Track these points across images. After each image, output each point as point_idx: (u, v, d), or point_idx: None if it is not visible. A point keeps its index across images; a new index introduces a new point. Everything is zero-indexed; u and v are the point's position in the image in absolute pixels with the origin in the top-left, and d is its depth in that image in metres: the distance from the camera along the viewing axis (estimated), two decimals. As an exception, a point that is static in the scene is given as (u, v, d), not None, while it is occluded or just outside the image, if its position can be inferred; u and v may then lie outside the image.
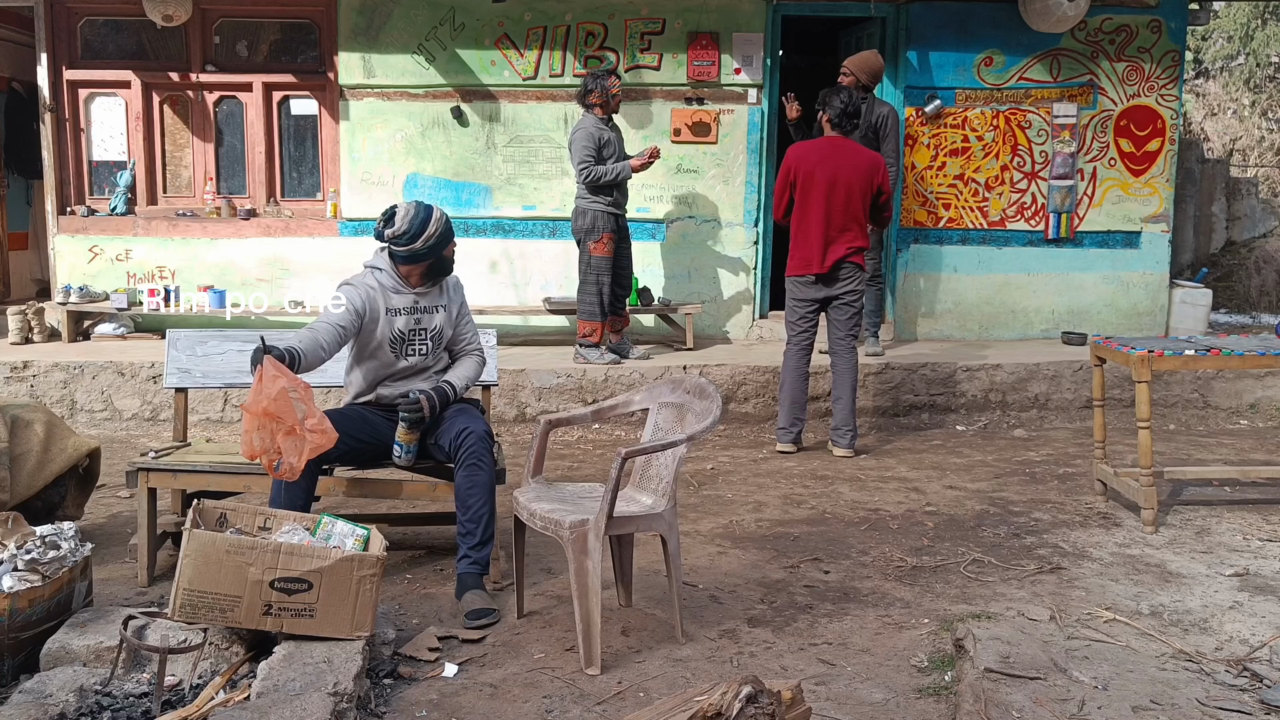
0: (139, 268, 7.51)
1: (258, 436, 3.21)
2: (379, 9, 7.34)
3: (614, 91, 6.53)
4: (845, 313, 5.76)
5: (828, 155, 5.63)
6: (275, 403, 3.20)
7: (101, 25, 7.56)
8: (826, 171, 5.58)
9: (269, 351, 3.33)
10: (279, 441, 3.22)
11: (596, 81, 6.51)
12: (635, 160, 6.53)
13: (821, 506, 4.95)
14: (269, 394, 3.21)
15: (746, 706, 2.34)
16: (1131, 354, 4.46)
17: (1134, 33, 7.60)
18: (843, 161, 5.60)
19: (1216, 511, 4.80)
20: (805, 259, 5.69)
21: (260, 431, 3.21)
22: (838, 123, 5.66)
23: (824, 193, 5.58)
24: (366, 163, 7.50)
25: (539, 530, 3.32)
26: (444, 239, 3.79)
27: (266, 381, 3.24)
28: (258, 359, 3.33)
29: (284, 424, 3.21)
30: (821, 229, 5.60)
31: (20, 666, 3.04)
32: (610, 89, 6.52)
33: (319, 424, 3.26)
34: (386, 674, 3.16)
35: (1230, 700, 2.91)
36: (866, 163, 5.64)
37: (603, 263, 6.56)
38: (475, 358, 4.04)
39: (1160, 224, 7.83)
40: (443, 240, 3.79)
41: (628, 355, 6.74)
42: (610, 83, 6.53)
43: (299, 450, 3.23)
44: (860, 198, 5.62)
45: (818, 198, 5.59)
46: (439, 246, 3.79)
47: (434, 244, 3.76)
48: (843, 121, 5.66)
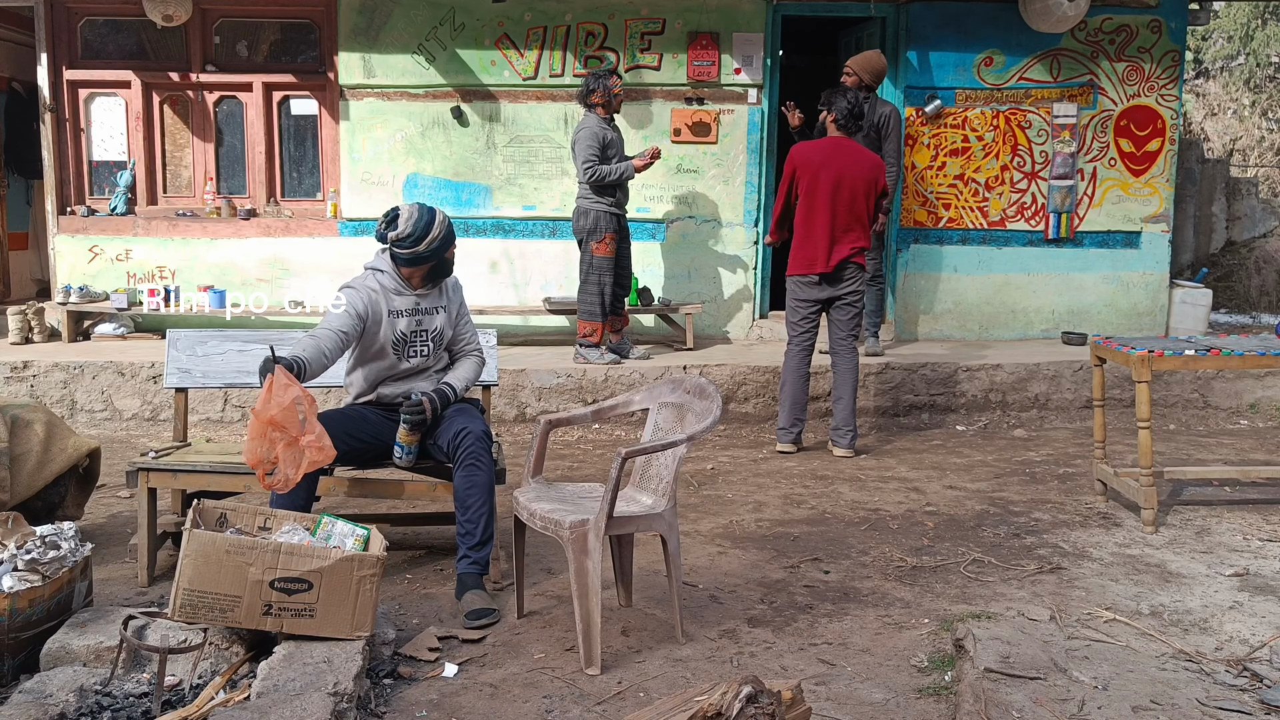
0: (139, 268, 7.51)
1: (260, 445, 3.21)
2: (379, 9, 7.34)
3: (616, 91, 6.54)
4: (847, 313, 5.77)
5: (832, 155, 5.63)
6: (284, 412, 3.20)
7: (101, 25, 7.56)
8: (831, 172, 5.59)
9: (278, 361, 3.34)
10: (279, 451, 3.22)
11: (599, 81, 6.51)
12: (638, 160, 6.54)
13: (821, 506, 4.95)
14: (280, 402, 3.21)
15: (746, 706, 2.34)
16: (1131, 354, 4.46)
17: (1134, 33, 7.60)
18: (847, 161, 5.61)
19: (1216, 511, 4.80)
20: (809, 259, 5.69)
21: (262, 440, 3.21)
22: (843, 123, 5.67)
23: (829, 193, 5.59)
24: (366, 163, 7.50)
25: (539, 530, 3.32)
26: (446, 242, 3.80)
27: (277, 390, 3.24)
28: (268, 368, 3.32)
29: (287, 434, 3.22)
30: (827, 229, 5.61)
31: (20, 666, 3.04)
32: (612, 88, 6.52)
33: (318, 440, 3.27)
34: (386, 674, 3.16)
35: (1230, 700, 2.91)
36: (869, 163, 5.66)
37: (605, 263, 6.56)
38: (475, 358, 4.04)
39: (1160, 224, 7.83)
40: (445, 243, 3.79)
41: (628, 355, 6.74)
42: (612, 82, 6.54)
43: (297, 463, 3.23)
44: (864, 198, 5.63)
45: (823, 198, 5.60)
46: (441, 249, 3.79)
47: (437, 247, 3.77)
48: (848, 122, 5.68)
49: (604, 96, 6.50)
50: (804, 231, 5.71)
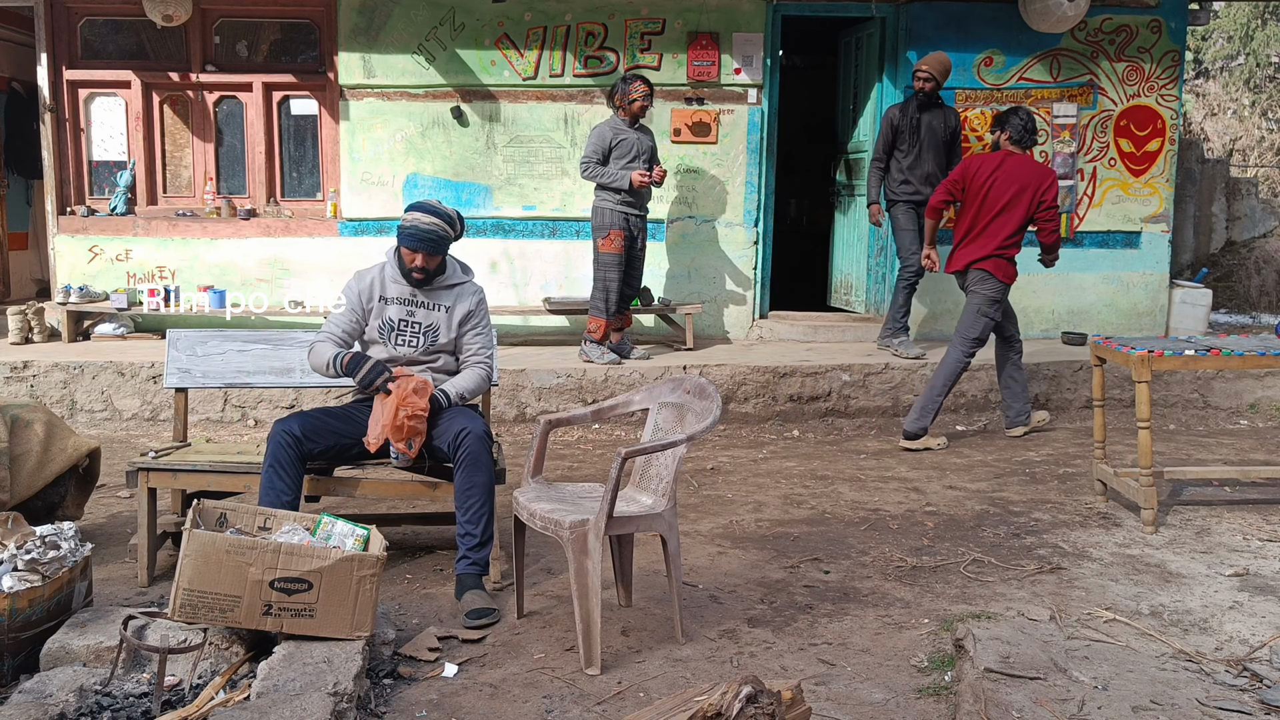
0: (139, 268, 7.51)
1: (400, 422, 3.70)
2: (379, 9, 7.34)
3: (633, 98, 6.46)
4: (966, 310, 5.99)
5: (999, 168, 5.83)
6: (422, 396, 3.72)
7: (101, 25, 7.56)
8: (997, 183, 5.79)
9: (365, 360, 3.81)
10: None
11: (622, 84, 6.50)
12: (636, 174, 6.41)
13: (821, 506, 4.95)
14: (409, 388, 3.72)
15: (746, 706, 2.34)
16: (1131, 354, 4.46)
17: (1134, 33, 7.60)
18: (1013, 174, 5.79)
19: (1216, 511, 4.80)
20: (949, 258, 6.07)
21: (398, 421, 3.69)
22: (1018, 139, 5.87)
23: (990, 201, 5.81)
24: (366, 163, 7.50)
25: (539, 530, 3.32)
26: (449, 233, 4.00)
27: (403, 381, 3.75)
28: (381, 370, 3.77)
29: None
30: (962, 233, 5.94)
31: (20, 666, 3.04)
32: (630, 94, 6.46)
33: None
34: (386, 674, 3.16)
35: (1230, 700, 2.90)
36: (1036, 176, 5.81)
37: (611, 259, 6.56)
38: (480, 370, 4.02)
39: (1160, 224, 7.83)
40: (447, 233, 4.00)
41: (628, 355, 6.74)
42: (633, 88, 6.45)
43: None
44: (1023, 209, 5.79)
45: (986, 205, 5.82)
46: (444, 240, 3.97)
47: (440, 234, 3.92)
48: (1023, 138, 5.87)
49: (622, 100, 6.48)
50: (957, 234, 6.04)
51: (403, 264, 3.92)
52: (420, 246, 3.84)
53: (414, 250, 3.86)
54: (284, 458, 3.64)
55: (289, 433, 3.66)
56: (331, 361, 3.81)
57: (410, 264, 3.88)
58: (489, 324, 4.10)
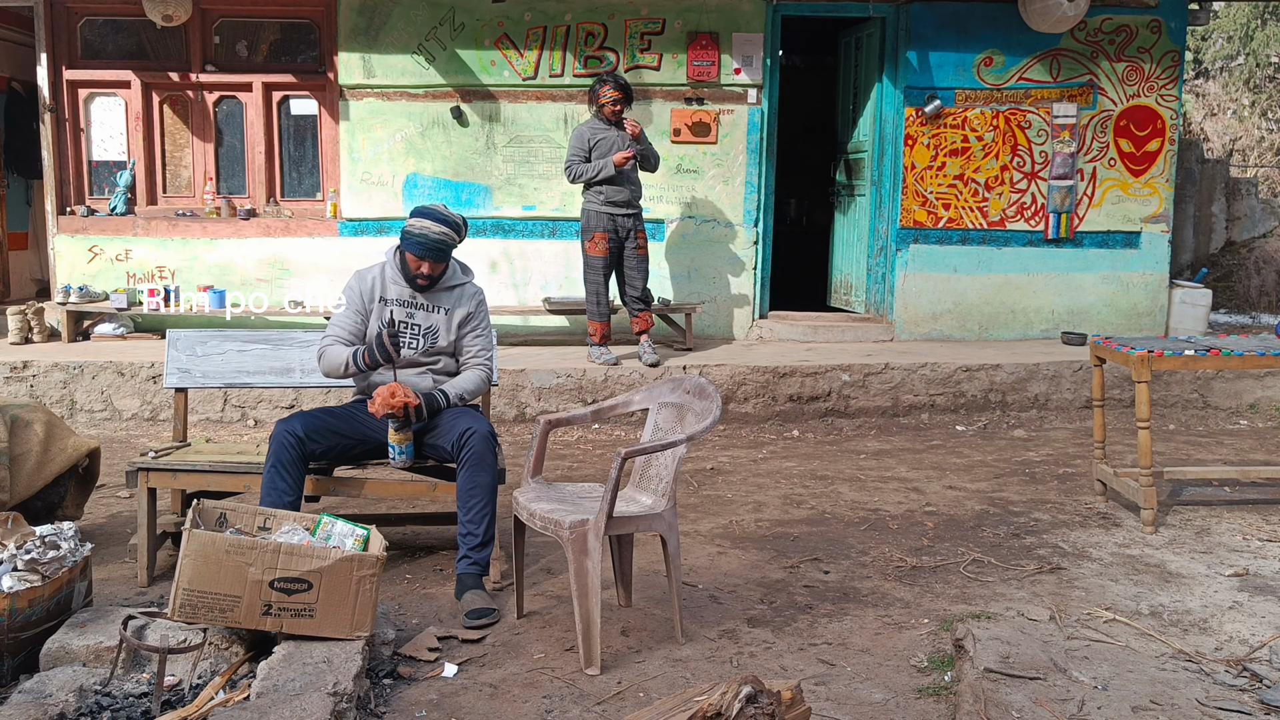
0: (139, 268, 7.51)
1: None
2: (379, 9, 7.34)
3: (602, 101, 6.42)
4: None
5: None
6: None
7: (101, 25, 7.56)
8: None
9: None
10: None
11: (597, 84, 6.49)
12: (617, 156, 6.36)
13: (821, 506, 4.95)
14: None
15: (746, 706, 2.34)
16: (1131, 354, 4.46)
17: (1134, 33, 7.60)
18: None
19: (1216, 511, 4.80)
20: None
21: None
22: None
23: None
24: (366, 163, 7.50)
25: (539, 530, 3.32)
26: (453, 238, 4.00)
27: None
28: (396, 332, 3.79)
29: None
30: None
31: (20, 666, 3.04)
32: (599, 98, 6.42)
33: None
34: (386, 674, 3.16)
35: (1230, 700, 2.91)
36: None
37: (595, 261, 6.56)
38: (479, 372, 4.01)
39: (1160, 224, 7.83)
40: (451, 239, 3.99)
41: (656, 363, 6.55)
42: (602, 91, 6.41)
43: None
44: None
45: None
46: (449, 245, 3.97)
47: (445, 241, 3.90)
48: None
49: (595, 101, 6.48)
50: None
51: (407, 268, 3.90)
52: (428, 255, 3.83)
53: (421, 258, 3.85)
54: (287, 458, 3.64)
55: (292, 433, 3.66)
56: (351, 360, 3.79)
57: (416, 270, 3.88)
58: (489, 325, 4.09)
